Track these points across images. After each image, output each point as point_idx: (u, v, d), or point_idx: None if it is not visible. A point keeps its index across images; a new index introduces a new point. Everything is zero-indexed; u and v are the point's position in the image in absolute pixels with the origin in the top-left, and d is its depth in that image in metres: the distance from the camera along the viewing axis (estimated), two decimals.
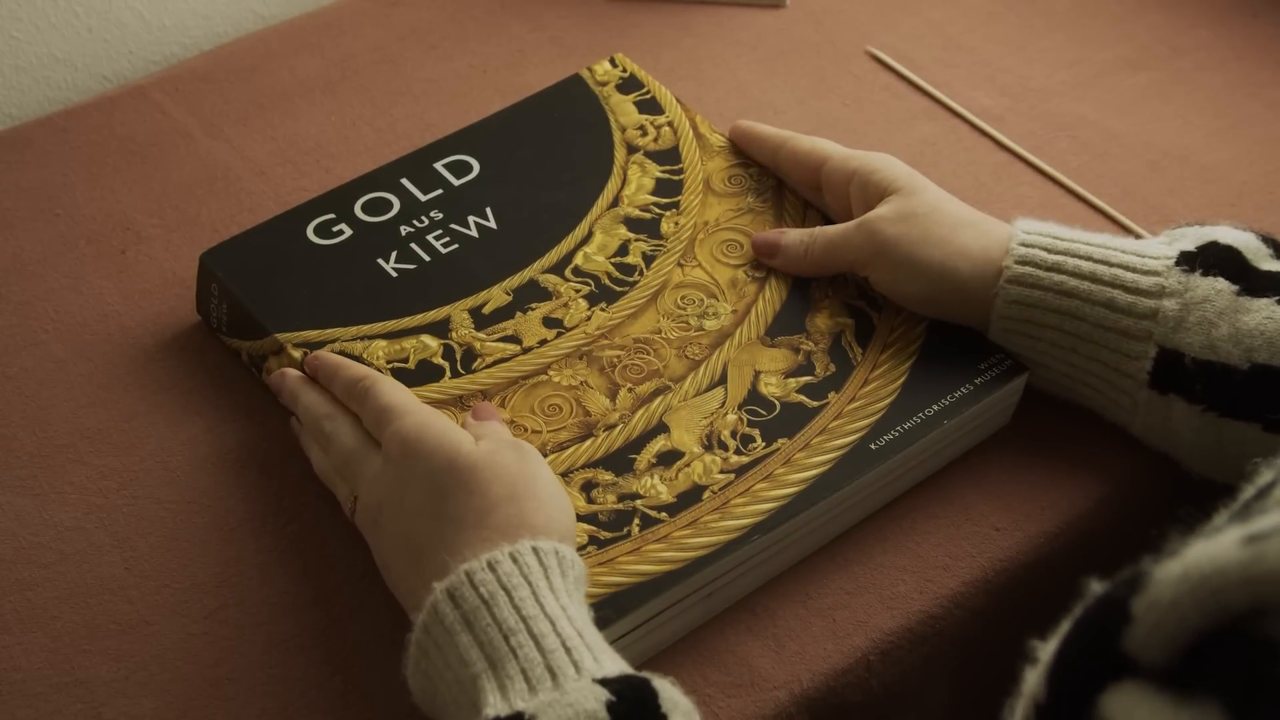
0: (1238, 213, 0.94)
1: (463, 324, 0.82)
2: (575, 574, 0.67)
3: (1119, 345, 0.76)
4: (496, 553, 0.65)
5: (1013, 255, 0.78)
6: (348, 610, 0.74)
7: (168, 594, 0.75)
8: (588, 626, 0.65)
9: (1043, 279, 0.77)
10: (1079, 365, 0.78)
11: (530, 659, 0.62)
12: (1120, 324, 0.76)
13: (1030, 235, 0.79)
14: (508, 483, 0.69)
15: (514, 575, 0.65)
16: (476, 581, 0.64)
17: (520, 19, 1.05)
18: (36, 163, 0.95)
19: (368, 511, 0.72)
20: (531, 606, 0.64)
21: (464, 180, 0.89)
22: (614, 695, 0.60)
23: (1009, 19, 1.07)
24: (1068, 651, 0.52)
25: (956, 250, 0.79)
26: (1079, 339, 0.77)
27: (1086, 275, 0.77)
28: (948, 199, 0.82)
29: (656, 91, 0.94)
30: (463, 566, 0.65)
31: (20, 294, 0.88)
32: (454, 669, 0.64)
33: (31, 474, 0.79)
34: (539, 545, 0.66)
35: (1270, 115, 1.00)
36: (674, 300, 0.83)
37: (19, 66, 1.02)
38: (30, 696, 0.71)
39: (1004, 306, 0.78)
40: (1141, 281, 0.76)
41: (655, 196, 0.88)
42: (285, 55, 1.02)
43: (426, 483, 0.69)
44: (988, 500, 0.80)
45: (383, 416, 0.73)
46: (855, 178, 0.84)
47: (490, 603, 0.64)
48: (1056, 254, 0.78)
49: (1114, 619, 0.50)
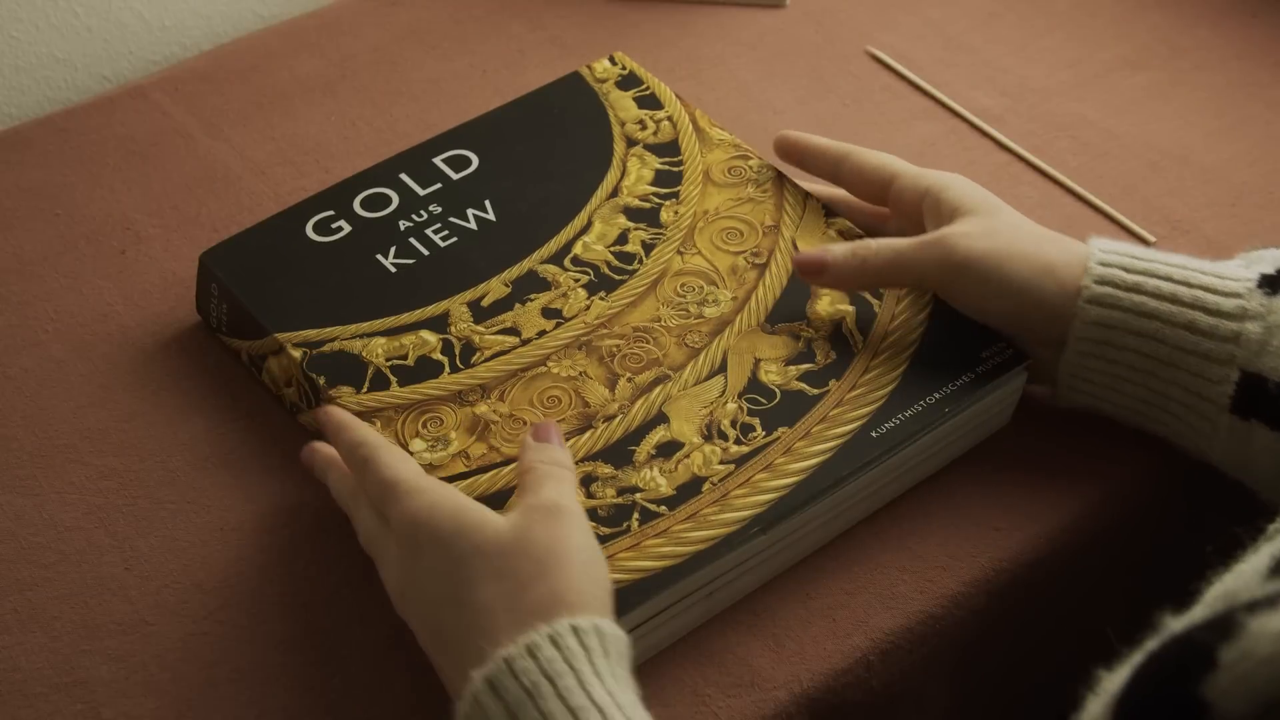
0: (1238, 213, 0.94)
1: (461, 318, 0.82)
2: (617, 650, 0.64)
3: (1200, 369, 0.74)
4: (536, 636, 0.62)
5: (1091, 274, 0.76)
6: (348, 610, 0.74)
7: (168, 594, 0.75)
8: (637, 709, 0.62)
9: (1122, 299, 0.75)
10: (1156, 389, 0.76)
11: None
12: (1201, 347, 0.74)
13: (1108, 254, 0.77)
14: (536, 559, 0.65)
15: (556, 661, 0.61)
16: (518, 670, 0.61)
17: (520, 19, 1.05)
18: (36, 163, 0.95)
19: (394, 595, 0.69)
20: (579, 696, 0.60)
21: (463, 174, 0.89)
22: None
23: (1009, 19, 1.07)
24: (1140, 688, 0.51)
25: (1042, 267, 0.77)
26: (1158, 362, 0.75)
27: (1167, 296, 0.75)
28: (1024, 219, 0.80)
29: (656, 88, 0.94)
30: (501, 653, 0.62)
31: (20, 294, 0.88)
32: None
33: (31, 474, 0.79)
34: (578, 624, 0.62)
35: (1270, 115, 1.00)
36: (674, 288, 0.83)
37: (19, 66, 1.02)
38: (30, 696, 0.71)
39: (1082, 328, 0.76)
40: (1223, 304, 0.74)
41: (655, 187, 0.88)
42: (285, 55, 1.02)
43: (446, 571, 0.66)
44: (988, 500, 0.80)
45: (386, 493, 0.69)
46: (928, 196, 0.81)
47: (534, 694, 0.61)
48: (1135, 274, 0.76)
49: (1197, 663, 0.48)
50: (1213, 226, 0.93)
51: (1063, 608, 0.82)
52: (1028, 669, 0.83)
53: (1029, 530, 0.79)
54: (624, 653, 0.64)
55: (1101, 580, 0.83)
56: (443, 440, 0.76)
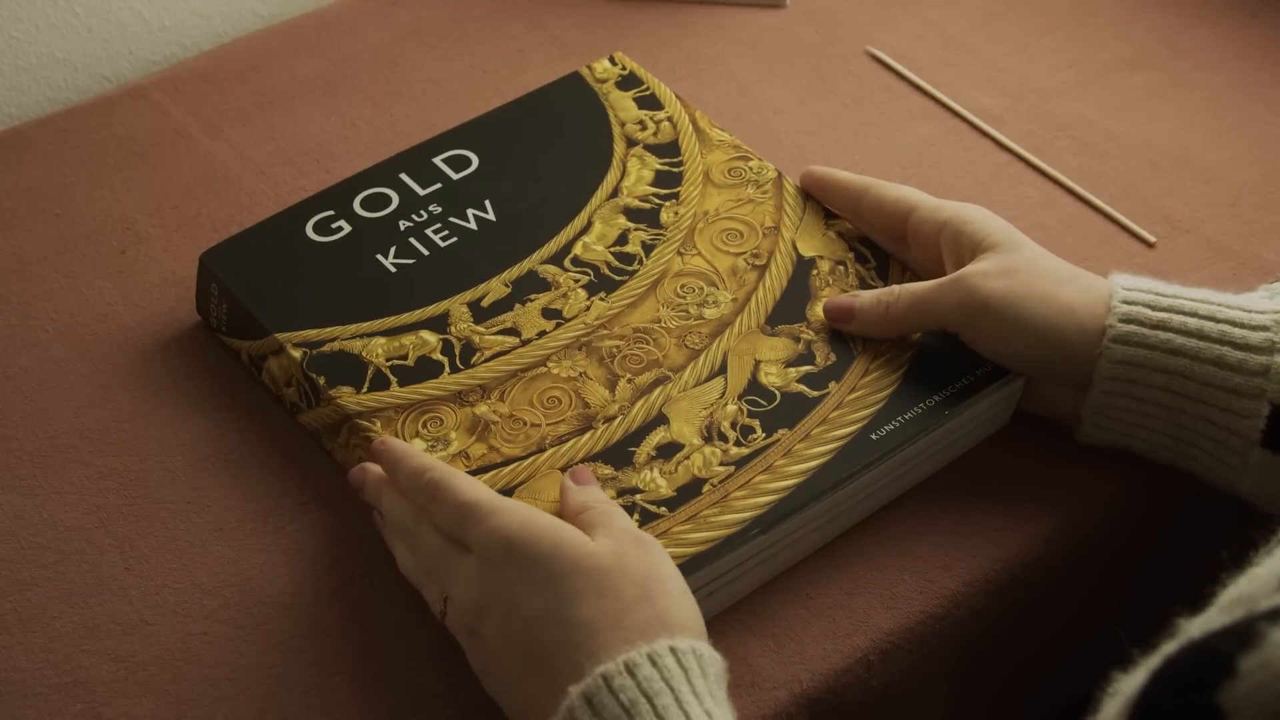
0: (1238, 213, 0.94)
1: (461, 318, 0.82)
2: (715, 672, 0.64)
3: (1229, 404, 0.73)
4: (635, 654, 0.62)
5: (1116, 313, 0.75)
6: (348, 610, 0.74)
7: (168, 594, 0.75)
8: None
9: (1148, 337, 0.74)
10: (1185, 425, 0.75)
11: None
12: (1230, 382, 0.73)
13: (1132, 292, 0.76)
14: (638, 583, 0.65)
15: (655, 680, 0.61)
16: (616, 688, 0.61)
17: (520, 19, 1.05)
18: (36, 163, 0.95)
19: (463, 615, 0.68)
20: (676, 715, 0.61)
21: (463, 174, 0.89)
22: None
23: (1009, 19, 1.07)
24: (1156, 692, 0.50)
25: (1062, 308, 0.76)
26: (1186, 399, 0.74)
27: (1193, 332, 0.74)
28: (1046, 254, 0.79)
29: (656, 88, 0.94)
30: (598, 670, 0.61)
31: (20, 294, 0.88)
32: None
33: (31, 474, 0.79)
34: (676, 645, 0.63)
35: (1270, 115, 1.00)
36: (674, 289, 0.83)
37: (19, 66, 1.02)
38: (30, 696, 0.71)
39: (1109, 367, 0.75)
40: (1251, 337, 0.73)
41: (655, 187, 0.88)
42: (285, 55, 1.02)
43: (546, 587, 0.65)
44: (988, 500, 0.80)
45: (467, 514, 0.68)
46: (946, 229, 0.80)
47: (632, 710, 0.60)
48: (1160, 311, 0.75)
49: (1215, 670, 0.48)
50: (1213, 226, 0.93)
51: (1062, 608, 0.82)
52: (1028, 669, 0.83)
53: (1028, 531, 0.79)
54: (720, 676, 0.64)
55: (1100, 580, 0.83)
56: (443, 440, 0.76)
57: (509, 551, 0.66)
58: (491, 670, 0.67)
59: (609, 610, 0.64)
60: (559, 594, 0.65)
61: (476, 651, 0.68)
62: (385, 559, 0.76)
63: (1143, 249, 0.92)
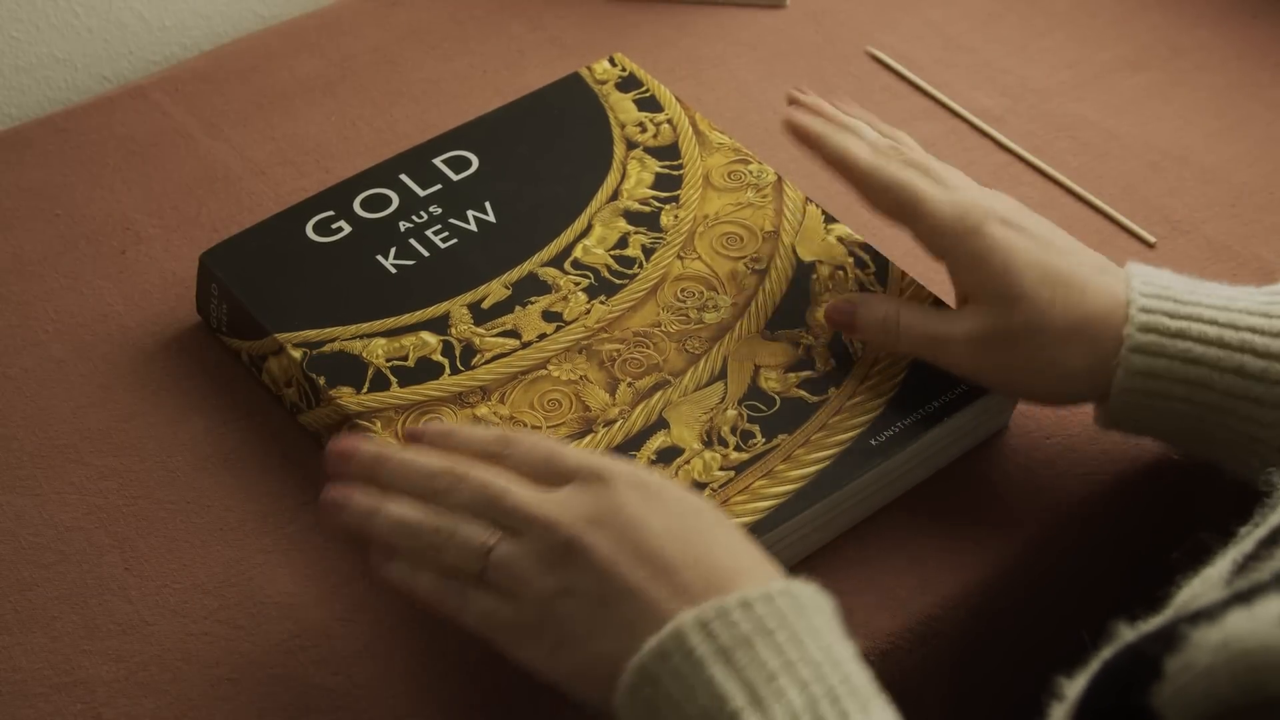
0: (1238, 213, 0.94)
1: (462, 319, 0.82)
2: (829, 609, 0.63)
3: (1251, 413, 0.71)
4: (752, 592, 0.61)
5: (1134, 322, 0.72)
6: (348, 610, 0.74)
7: (168, 594, 0.75)
8: (855, 670, 0.61)
9: (1168, 347, 0.72)
10: (1206, 433, 0.73)
11: (797, 703, 0.58)
12: (1253, 391, 0.71)
13: (1149, 300, 0.73)
14: (740, 530, 0.66)
15: (771, 618, 0.60)
16: (733, 620, 0.60)
17: (520, 19, 1.05)
18: (36, 163, 0.95)
19: (556, 530, 0.64)
20: (794, 650, 0.60)
21: (463, 175, 0.89)
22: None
23: (1009, 19, 1.07)
24: (1094, 697, 0.51)
25: (1065, 373, 0.74)
26: (1207, 408, 0.72)
27: (1214, 341, 0.72)
28: (1047, 304, 0.73)
29: (655, 90, 0.94)
30: (715, 602, 0.60)
31: (20, 294, 0.88)
32: (699, 701, 0.59)
33: (31, 474, 0.79)
34: (791, 588, 0.62)
35: (1270, 115, 1.00)
36: (674, 293, 0.83)
37: (19, 66, 1.02)
38: (30, 696, 0.71)
39: (1127, 378, 0.72)
40: (1272, 345, 0.71)
41: (655, 190, 0.88)
42: (285, 55, 1.02)
43: (680, 511, 0.65)
44: (988, 500, 0.80)
45: (560, 451, 0.67)
46: (948, 259, 0.77)
47: (750, 642, 0.60)
48: (1180, 319, 0.72)
49: (1144, 673, 0.49)
50: (1213, 226, 0.93)
51: (1062, 607, 0.82)
52: (1028, 669, 0.83)
53: (1028, 530, 0.79)
54: (837, 614, 0.63)
55: (1100, 580, 0.83)
56: None
57: (638, 477, 0.65)
58: (585, 584, 0.63)
59: (731, 543, 0.64)
60: (692, 524, 0.64)
61: (571, 564, 0.63)
62: None
63: (1143, 249, 0.92)
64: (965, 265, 0.75)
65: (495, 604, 0.65)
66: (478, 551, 0.65)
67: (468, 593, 0.65)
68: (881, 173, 0.78)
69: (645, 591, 0.62)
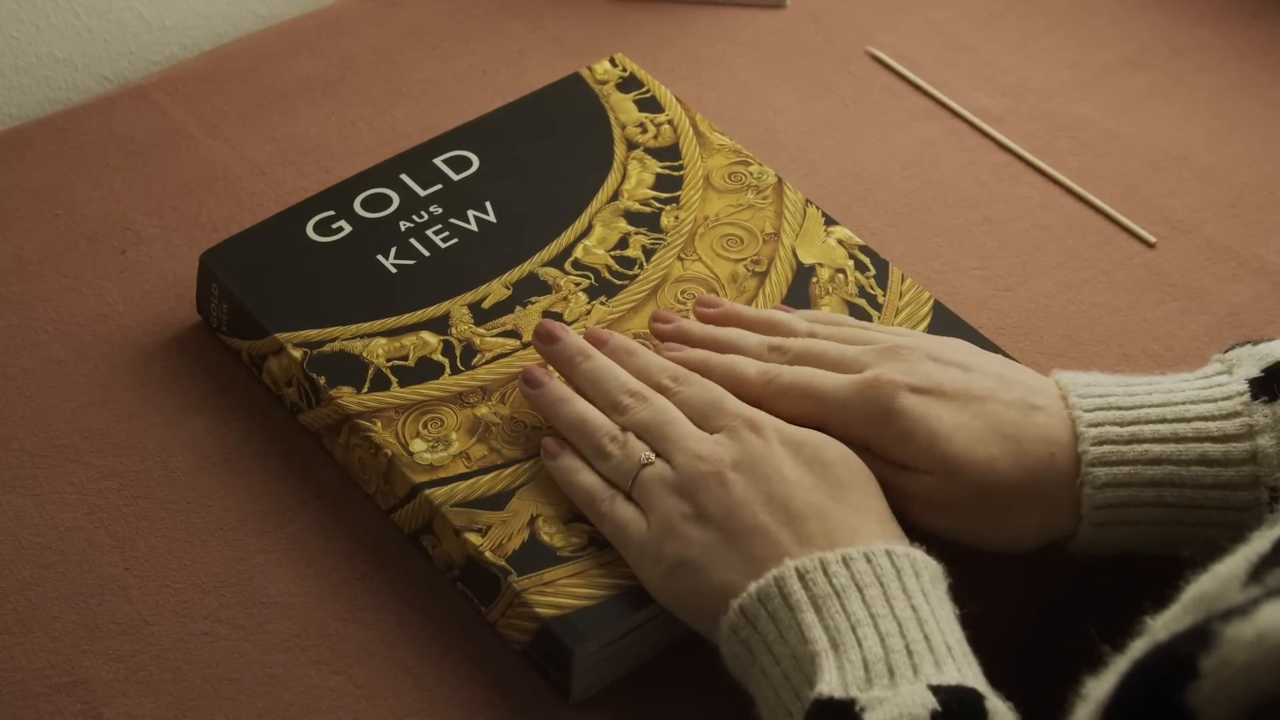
0: (1238, 213, 0.94)
1: (462, 319, 0.82)
2: (930, 573, 0.66)
3: (1226, 500, 0.70)
4: (853, 550, 0.65)
5: (1086, 439, 0.70)
6: (348, 610, 0.74)
7: (168, 594, 0.75)
8: (937, 629, 0.64)
9: (1126, 453, 0.70)
10: (1182, 534, 0.70)
11: (873, 652, 0.62)
12: (1221, 477, 0.69)
13: (1093, 413, 0.71)
14: (879, 495, 0.70)
15: (867, 574, 0.64)
16: (830, 572, 0.64)
17: (520, 19, 1.05)
18: (36, 163, 0.95)
19: (702, 464, 0.69)
20: (881, 605, 0.64)
21: (463, 175, 0.89)
22: (941, 705, 0.60)
23: (1009, 19, 1.07)
24: (1126, 696, 0.51)
25: (1022, 526, 0.72)
26: (1182, 508, 0.70)
27: (1169, 437, 0.70)
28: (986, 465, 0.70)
29: (656, 90, 0.94)
30: (817, 555, 0.65)
31: (20, 294, 0.88)
32: (790, 643, 0.64)
33: (31, 474, 0.79)
34: (893, 549, 0.66)
35: (1270, 115, 1.00)
36: (674, 294, 0.83)
37: (19, 66, 1.02)
38: (30, 696, 0.71)
39: (1094, 494, 0.70)
40: (1227, 427, 0.70)
41: (655, 191, 0.88)
42: (285, 55, 1.02)
43: (823, 464, 0.69)
44: None
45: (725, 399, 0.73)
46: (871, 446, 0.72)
47: (842, 594, 0.64)
48: (1128, 425, 0.71)
49: (1179, 673, 0.48)
50: (1213, 226, 0.93)
51: (1063, 607, 0.82)
52: (1028, 668, 0.83)
53: None
54: (937, 576, 0.67)
55: (1101, 579, 0.83)
56: (443, 441, 0.76)
57: (793, 433, 0.70)
58: (714, 514, 0.68)
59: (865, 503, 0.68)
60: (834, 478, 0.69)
61: (706, 495, 0.69)
62: (385, 559, 0.76)
63: (1143, 249, 0.92)
64: (891, 447, 0.71)
65: (633, 517, 0.71)
66: (634, 466, 0.72)
67: (616, 500, 0.72)
68: (771, 388, 0.74)
69: (769, 533, 0.67)
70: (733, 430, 0.71)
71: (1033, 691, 0.64)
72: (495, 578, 0.72)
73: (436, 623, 0.74)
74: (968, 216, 0.93)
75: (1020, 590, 0.78)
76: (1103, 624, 0.60)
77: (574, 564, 0.72)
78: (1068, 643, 0.83)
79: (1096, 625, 0.61)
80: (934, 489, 0.71)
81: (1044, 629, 0.82)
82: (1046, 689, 0.61)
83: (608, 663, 0.71)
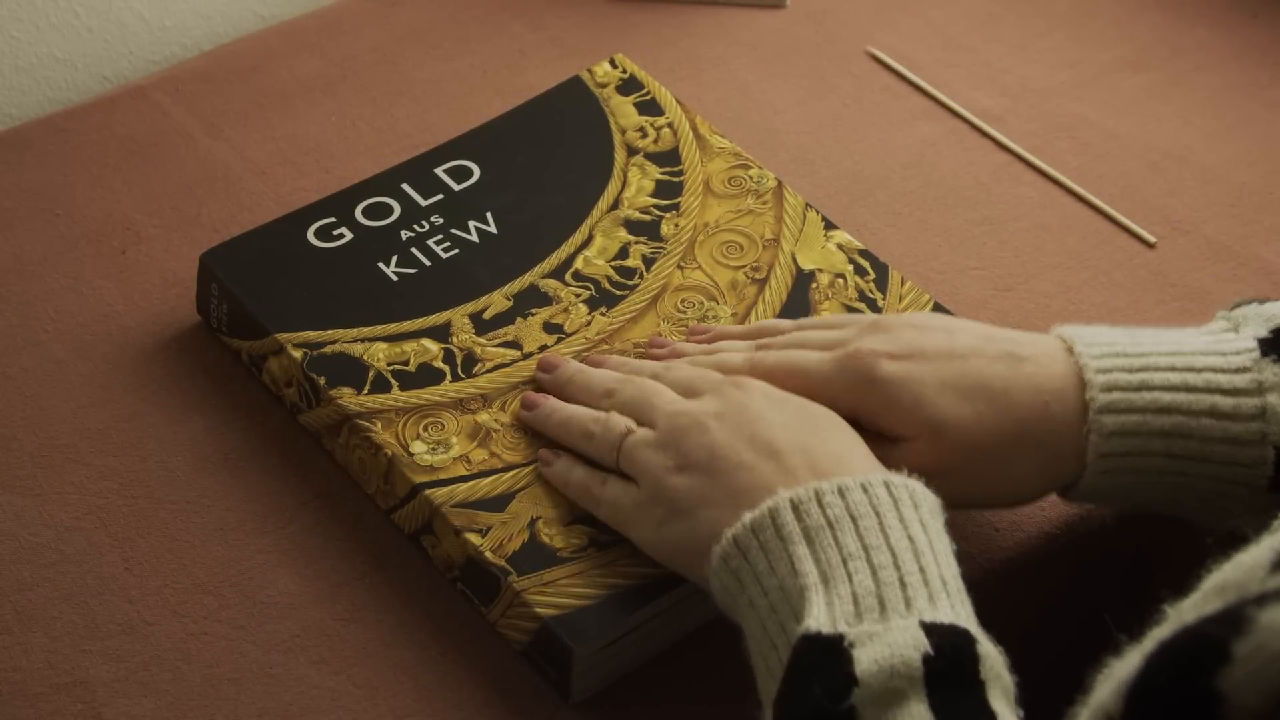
0: (1238, 213, 0.94)
1: (463, 329, 0.81)
2: (929, 505, 0.65)
3: (1230, 455, 0.69)
4: (849, 480, 0.64)
5: (1095, 385, 0.69)
6: (348, 610, 0.74)
7: (168, 594, 0.75)
8: (933, 562, 0.63)
9: (1135, 401, 0.69)
10: (1184, 486, 0.70)
11: (864, 586, 0.61)
12: (1230, 432, 0.68)
13: (1101, 360, 0.70)
14: (864, 443, 0.69)
15: (863, 505, 0.64)
16: (825, 503, 0.64)
17: (521, 19, 1.05)
18: (36, 163, 0.95)
19: (682, 417, 0.70)
20: (875, 536, 0.63)
21: (464, 185, 0.88)
22: (933, 648, 0.59)
23: (1009, 19, 1.07)
24: (1154, 678, 0.50)
25: (1019, 479, 0.72)
26: (1186, 459, 0.69)
27: (1179, 386, 0.69)
28: (974, 421, 0.70)
29: (656, 92, 0.94)
30: (812, 484, 0.64)
31: (20, 294, 0.88)
32: (779, 576, 0.63)
33: (31, 474, 0.79)
34: (891, 479, 0.65)
35: (1270, 115, 1.00)
36: (674, 303, 0.83)
37: (19, 66, 1.02)
38: (30, 696, 0.71)
39: (1101, 442, 0.69)
40: (1237, 381, 0.69)
41: (655, 198, 0.88)
42: (285, 55, 1.02)
43: (803, 413, 0.69)
44: None
45: (705, 375, 0.73)
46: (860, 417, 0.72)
47: (835, 526, 0.63)
48: (1137, 372, 0.70)
49: (1211, 657, 0.48)
50: (1213, 226, 0.93)
51: (1063, 606, 0.82)
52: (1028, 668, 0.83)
53: (1029, 530, 0.79)
54: (935, 509, 0.66)
55: (1102, 578, 0.83)
56: (444, 444, 0.76)
57: (770, 389, 0.71)
58: (702, 458, 0.68)
59: (842, 444, 0.68)
60: (812, 422, 0.69)
61: (688, 443, 0.69)
62: (385, 559, 0.76)
63: (1143, 249, 0.92)
64: (878, 415, 0.71)
65: (624, 489, 0.71)
66: (617, 437, 0.72)
67: (608, 480, 0.72)
68: (756, 370, 0.74)
69: (753, 469, 0.67)
70: (716, 390, 0.71)
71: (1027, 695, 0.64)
72: (495, 578, 0.72)
73: (436, 623, 0.74)
74: (967, 217, 0.93)
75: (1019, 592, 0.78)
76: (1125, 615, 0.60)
77: (574, 564, 0.72)
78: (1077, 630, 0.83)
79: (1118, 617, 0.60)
80: (926, 456, 0.70)
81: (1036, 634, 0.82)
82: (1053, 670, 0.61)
83: (608, 663, 0.71)
